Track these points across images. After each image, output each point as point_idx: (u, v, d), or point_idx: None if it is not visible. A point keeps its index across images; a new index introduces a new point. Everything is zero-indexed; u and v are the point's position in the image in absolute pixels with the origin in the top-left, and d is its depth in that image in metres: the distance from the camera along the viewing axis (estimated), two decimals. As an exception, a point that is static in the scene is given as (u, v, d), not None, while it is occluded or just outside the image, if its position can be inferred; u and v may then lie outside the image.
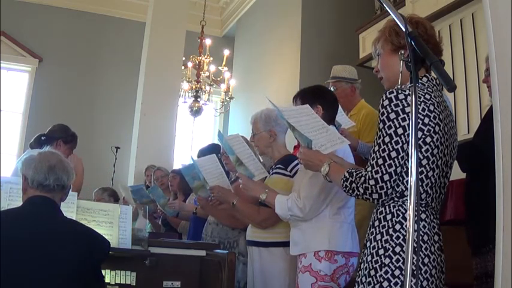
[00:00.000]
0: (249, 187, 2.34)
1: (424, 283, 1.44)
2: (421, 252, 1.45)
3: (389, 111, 1.47)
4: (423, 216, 1.50)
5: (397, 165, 1.46)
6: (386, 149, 1.46)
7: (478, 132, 2.38)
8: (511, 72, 1.60)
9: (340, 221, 2.10)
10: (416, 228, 1.37)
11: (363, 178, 1.49)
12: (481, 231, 2.19)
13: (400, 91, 1.49)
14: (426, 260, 1.46)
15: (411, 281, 1.18)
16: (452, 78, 3.58)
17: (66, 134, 3.49)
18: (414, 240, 1.19)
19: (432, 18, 4.75)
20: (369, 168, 1.49)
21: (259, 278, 2.45)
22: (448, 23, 4.83)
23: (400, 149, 1.46)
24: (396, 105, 1.47)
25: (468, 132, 4.18)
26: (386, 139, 1.46)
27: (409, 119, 1.45)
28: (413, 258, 1.16)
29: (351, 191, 1.54)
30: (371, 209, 3.25)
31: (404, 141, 1.46)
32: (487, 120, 2.36)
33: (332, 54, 6.17)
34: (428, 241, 1.48)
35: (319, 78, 2.95)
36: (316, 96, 2.26)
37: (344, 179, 1.55)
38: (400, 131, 1.46)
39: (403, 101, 1.47)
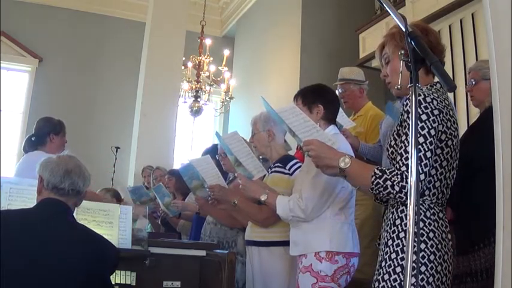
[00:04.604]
0: (249, 188, 2.34)
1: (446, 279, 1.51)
2: (441, 250, 1.50)
3: (420, 112, 1.49)
4: (441, 215, 1.55)
5: (432, 165, 1.51)
6: (421, 149, 1.47)
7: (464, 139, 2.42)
8: (511, 72, 1.60)
9: (341, 222, 2.10)
10: (416, 229, 1.40)
11: (399, 176, 1.47)
12: (466, 231, 2.21)
13: (426, 94, 1.52)
14: (446, 257, 1.51)
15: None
16: (452, 78, 3.59)
17: (53, 125, 3.37)
18: (414, 240, 1.20)
19: (432, 18, 4.77)
20: (404, 168, 1.48)
21: (258, 278, 2.45)
22: (448, 23, 4.83)
23: (433, 149, 1.50)
24: (426, 107, 1.50)
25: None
26: (421, 139, 1.48)
27: (437, 122, 1.50)
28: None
29: (381, 189, 1.49)
30: (374, 210, 3.28)
31: (435, 143, 1.50)
32: (474, 126, 2.39)
33: (332, 54, 6.18)
34: (446, 238, 1.54)
35: (319, 78, 2.94)
36: (317, 95, 2.25)
37: (377, 175, 1.50)
38: (432, 132, 1.49)
39: (431, 104, 1.51)
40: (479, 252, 2.13)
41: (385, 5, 1.46)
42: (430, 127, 1.49)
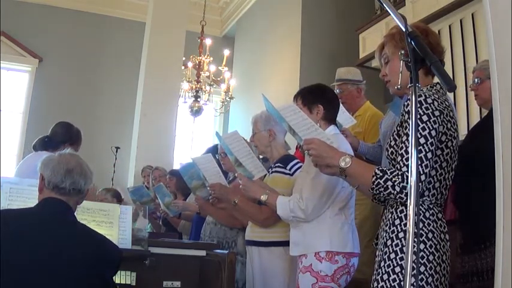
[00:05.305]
0: (249, 188, 2.34)
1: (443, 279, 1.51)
2: (440, 250, 1.51)
3: (421, 113, 1.49)
4: (439, 215, 1.56)
5: (432, 166, 1.51)
6: (422, 149, 1.47)
7: (472, 137, 2.44)
8: (511, 72, 1.60)
9: (341, 222, 2.10)
10: (416, 229, 1.40)
11: (400, 177, 1.47)
12: (473, 230, 2.21)
13: (427, 95, 1.52)
14: (444, 258, 1.52)
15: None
16: (452, 78, 3.59)
17: (71, 135, 3.35)
18: (414, 240, 1.20)
19: (432, 18, 4.76)
20: (404, 168, 1.48)
21: (258, 278, 2.45)
22: (448, 23, 4.83)
23: (434, 150, 1.50)
24: (427, 108, 1.50)
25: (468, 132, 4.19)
26: (422, 140, 1.48)
27: (438, 123, 1.50)
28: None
29: (382, 189, 1.49)
30: (373, 209, 3.28)
31: (435, 144, 1.50)
32: (482, 124, 2.40)
33: (332, 54, 6.18)
34: (444, 239, 1.54)
35: (319, 78, 2.94)
36: (317, 95, 2.25)
37: (377, 175, 1.50)
38: (433, 133, 1.49)
39: (432, 105, 1.51)
40: (486, 251, 2.13)
41: (385, 5, 1.46)
42: (431, 128, 1.49)
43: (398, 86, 1.62)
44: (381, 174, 1.50)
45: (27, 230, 1.58)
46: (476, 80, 2.51)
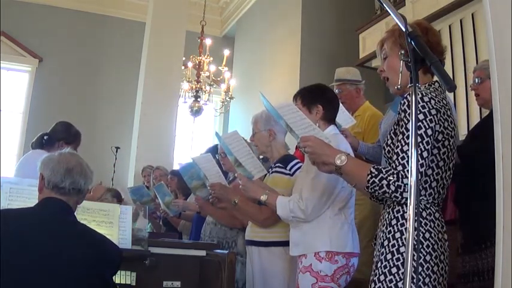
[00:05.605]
0: (249, 188, 2.34)
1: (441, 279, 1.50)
2: (438, 250, 1.49)
3: (418, 112, 1.48)
4: (437, 215, 1.54)
5: (428, 165, 1.50)
6: (418, 149, 1.46)
7: (472, 137, 2.44)
8: (511, 72, 1.60)
9: (341, 222, 2.10)
10: (417, 228, 1.40)
11: (395, 176, 1.46)
12: (473, 230, 2.21)
13: (424, 93, 1.51)
14: (442, 257, 1.51)
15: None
16: (452, 78, 3.59)
17: (69, 134, 3.38)
18: (414, 239, 1.20)
19: (432, 18, 4.77)
20: (400, 167, 1.47)
21: (258, 278, 2.45)
22: (448, 23, 4.84)
23: (430, 149, 1.49)
24: (423, 107, 1.49)
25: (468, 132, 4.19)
26: (418, 139, 1.46)
27: (434, 122, 1.49)
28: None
29: (377, 188, 1.48)
30: (372, 209, 3.28)
31: (431, 143, 1.49)
32: (484, 124, 2.42)
33: (332, 54, 6.18)
34: (442, 239, 1.53)
35: (319, 79, 2.94)
36: (317, 95, 2.25)
37: (372, 174, 1.49)
38: (429, 132, 1.48)
39: (428, 103, 1.50)
40: (486, 251, 2.13)
41: (385, 5, 1.46)
42: (427, 127, 1.48)
43: (398, 86, 1.62)
44: (376, 173, 1.49)
45: (27, 230, 1.58)
46: (476, 79, 2.51)
